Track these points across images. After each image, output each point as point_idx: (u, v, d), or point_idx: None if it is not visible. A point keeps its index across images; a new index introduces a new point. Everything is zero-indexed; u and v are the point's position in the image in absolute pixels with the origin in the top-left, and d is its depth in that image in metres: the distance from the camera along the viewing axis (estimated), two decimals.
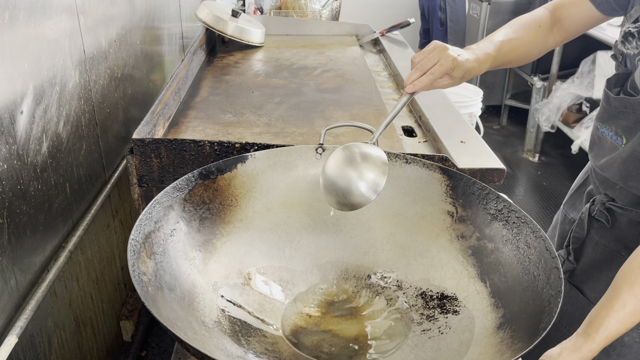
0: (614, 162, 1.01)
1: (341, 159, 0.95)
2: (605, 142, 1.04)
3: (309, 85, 1.59)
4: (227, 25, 1.89)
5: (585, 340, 0.78)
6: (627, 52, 0.98)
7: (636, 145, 0.95)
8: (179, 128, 1.30)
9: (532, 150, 3.75)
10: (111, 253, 1.37)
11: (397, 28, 2.16)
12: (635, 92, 0.95)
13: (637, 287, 0.79)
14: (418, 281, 0.97)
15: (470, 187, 0.98)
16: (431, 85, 0.98)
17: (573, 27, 1.12)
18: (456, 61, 0.96)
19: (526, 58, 1.14)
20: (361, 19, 2.45)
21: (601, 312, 0.79)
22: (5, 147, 0.87)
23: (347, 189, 0.92)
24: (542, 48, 1.13)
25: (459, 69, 0.97)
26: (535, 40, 1.11)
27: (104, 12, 1.27)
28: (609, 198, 1.05)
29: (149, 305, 0.70)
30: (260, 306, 0.93)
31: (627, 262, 0.84)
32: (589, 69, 3.33)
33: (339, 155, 0.95)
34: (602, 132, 1.05)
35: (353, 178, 0.93)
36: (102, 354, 1.31)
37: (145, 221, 0.85)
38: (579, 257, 1.13)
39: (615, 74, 1.01)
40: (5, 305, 0.89)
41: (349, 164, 0.94)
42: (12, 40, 0.88)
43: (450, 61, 0.96)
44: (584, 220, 1.10)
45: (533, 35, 1.10)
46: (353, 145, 0.96)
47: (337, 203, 0.93)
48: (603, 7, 1.06)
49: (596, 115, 1.08)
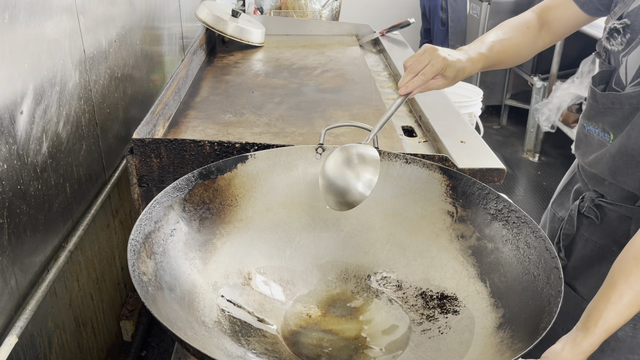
0: (602, 158, 1.02)
1: (339, 161, 0.96)
2: (592, 140, 1.06)
3: (309, 85, 1.59)
4: (227, 25, 1.89)
5: (585, 335, 0.79)
6: (611, 49, 0.99)
7: (624, 141, 0.96)
8: (179, 128, 1.30)
9: (532, 150, 3.75)
10: (111, 253, 1.37)
11: (397, 28, 2.16)
12: (621, 88, 0.97)
13: (633, 278, 0.80)
14: (418, 281, 0.97)
15: (470, 187, 0.98)
16: (426, 87, 0.99)
17: (560, 28, 1.14)
18: (446, 61, 0.97)
19: (517, 58, 1.16)
20: (361, 19, 2.45)
21: (598, 305, 0.80)
22: (5, 147, 0.87)
23: (345, 189, 0.93)
24: (532, 49, 1.15)
25: (451, 68, 0.98)
26: (525, 41, 1.13)
27: (104, 12, 1.27)
28: (598, 194, 1.06)
29: (149, 305, 0.70)
30: (260, 306, 0.93)
31: (622, 254, 0.84)
32: (589, 69, 3.33)
33: (335, 158, 0.96)
34: (589, 129, 1.06)
35: (350, 178, 0.94)
36: (102, 354, 1.31)
37: (145, 221, 0.85)
38: (569, 254, 1.14)
39: (600, 72, 1.02)
40: (5, 305, 0.89)
41: (345, 165, 0.95)
42: (12, 40, 0.88)
43: (441, 61, 0.97)
44: (574, 217, 1.11)
45: (522, 36, 1.13)
46: (347, 147, 0.97)
47: (336, 203, 0.94)
48: (587, 8, 1.08)
49: (582, 113, 1.10)
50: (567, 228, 1.13)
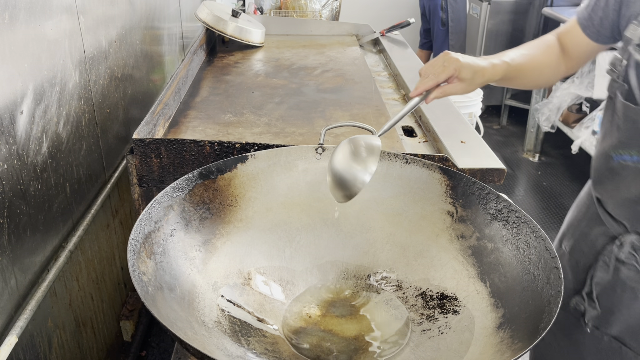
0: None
1: (344, 152, 0.94)
2: (627, 171, 0.95)
3: (309, 85, 1.59)
4: (227, 25, 1.89)
5: None
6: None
7: None
8: (179, 128, 1.30)
9: (532, 150, 3.75)
10: (111, 253, 1.37)
11: (397, 28, 2.16)
12: None
13: None
14: (418, 281, 0.97)
15: (470, 187, 0.98)
16: (443, 91, 0.96)
17: (575, 54, 1.10)
18: (459, 62, 0.95)
19: (540, 77, 1.12)
20: (361, 19, 2.45)
21: None
22: (5, 147, 0.87)
23: (346, 177, 0.91)
24: (555, 70, 1.11)
25: (465, 69, 0.96)
26: (547, 61, 1.10)
27: (104, 12, 1.27)
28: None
29: (149, 305, 0.70)
30: (260, 306, 0.93)
31: None
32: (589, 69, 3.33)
33: (340, 149, 0.94)
34: (621, 160, 0.95)
35: (351, 167, 0.91)
36: (102, 353, 1.31)
37: (145, 221, 0.85)
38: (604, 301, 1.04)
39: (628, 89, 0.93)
40: (5, 305, 0.89)
41: (348, 155, 0.93)
42: (12, 40, 0.88)
43: (454, 61, 0.95)
44: (609, 264, 1.01)
45: (544, 55, 1.09)
46: (352, 139, 0.95)
47: (343, 197, 0.91)
48: (589, 32, 1.04)
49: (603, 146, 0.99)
50: (601, 276, 1.03)
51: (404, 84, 1.61)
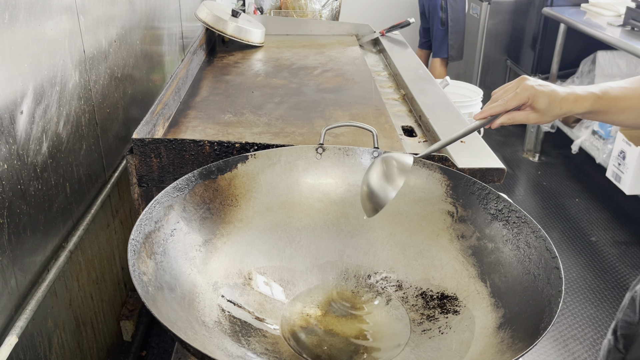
0: None
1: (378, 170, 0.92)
2: None
3: (309, 85, 1.59)
4: (227, 25, 1.89)
5: None
6: None
7: None
8: (179, 128, 1.30)
9: (532, 150, 3.75)
10: (111, 253, 1.37)
11: (397, 28, 2.16)
12: None
13: None
14: (418, 281, 0.97)
15: (470, 187, 0.98)
16: (511, 118, 0.90)
17: None
18: (534, 89, 0.88)
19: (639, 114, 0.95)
20: (361, 19, 2.45)
21: None
22: (5, 147, 0.87)
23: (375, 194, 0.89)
24: None
25: (540, 98, 0.88)
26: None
27: (104, 12, 1.27)
28: None
29: (149, 305, 0.70)
30: (260, 306, 0.93)
31: None
32: (589, 69, 3.33)
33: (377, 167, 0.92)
34: None
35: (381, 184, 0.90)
36: (102, 353, 1.31)
37: (146, 221, 0.85)
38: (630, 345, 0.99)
39: None
40: (6, 305, 0.89)
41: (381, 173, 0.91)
42: (12, 40, 0.88)
43: (528, 89, 0.88)
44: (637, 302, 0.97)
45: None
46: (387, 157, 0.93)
47: (372, 210, 0.90)
48: None
49: None
50: (629, 314, 0.99)
51: (404, 84, 1.61)
